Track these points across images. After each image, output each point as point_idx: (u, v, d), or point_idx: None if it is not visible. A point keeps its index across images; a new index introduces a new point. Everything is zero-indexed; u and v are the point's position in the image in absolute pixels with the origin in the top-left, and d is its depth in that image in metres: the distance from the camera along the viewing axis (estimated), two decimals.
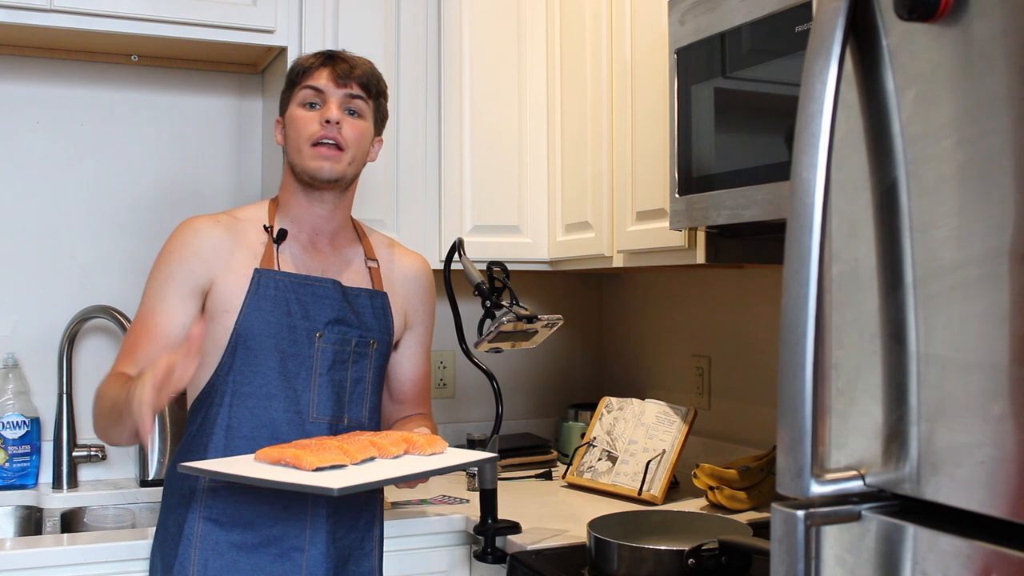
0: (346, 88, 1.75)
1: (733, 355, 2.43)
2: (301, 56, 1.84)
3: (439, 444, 1.70)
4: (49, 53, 2.41)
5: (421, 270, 1.95)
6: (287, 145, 1.78)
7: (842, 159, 0.95)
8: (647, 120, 2.08)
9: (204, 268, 1.70)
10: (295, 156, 1.76)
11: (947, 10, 0.84)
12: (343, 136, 1.74)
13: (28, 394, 2.36)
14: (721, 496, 2.07)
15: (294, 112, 1.77)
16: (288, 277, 1.73)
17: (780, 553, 0.90)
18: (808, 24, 1.45)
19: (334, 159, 1.74)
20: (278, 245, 1.76)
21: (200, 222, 1.75)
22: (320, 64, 1.77)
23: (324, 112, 1.74)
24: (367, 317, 1.80)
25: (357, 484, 1.46)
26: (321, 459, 1.52)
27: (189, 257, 1.71)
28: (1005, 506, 0.79)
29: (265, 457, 1.56)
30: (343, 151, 1.74)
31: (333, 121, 1.72)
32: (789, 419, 0.89)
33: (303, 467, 1.50)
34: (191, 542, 1.67)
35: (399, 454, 1.65)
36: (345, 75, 1.75)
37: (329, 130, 1.73)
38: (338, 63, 1.77)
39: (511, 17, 2.51)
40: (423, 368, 1.96)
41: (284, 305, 1.72)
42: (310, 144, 1.73)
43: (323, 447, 1.57)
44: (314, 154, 1.73)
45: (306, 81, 1.76)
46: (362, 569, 1.80)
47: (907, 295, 0.88)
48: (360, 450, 1.59)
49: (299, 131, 1.75)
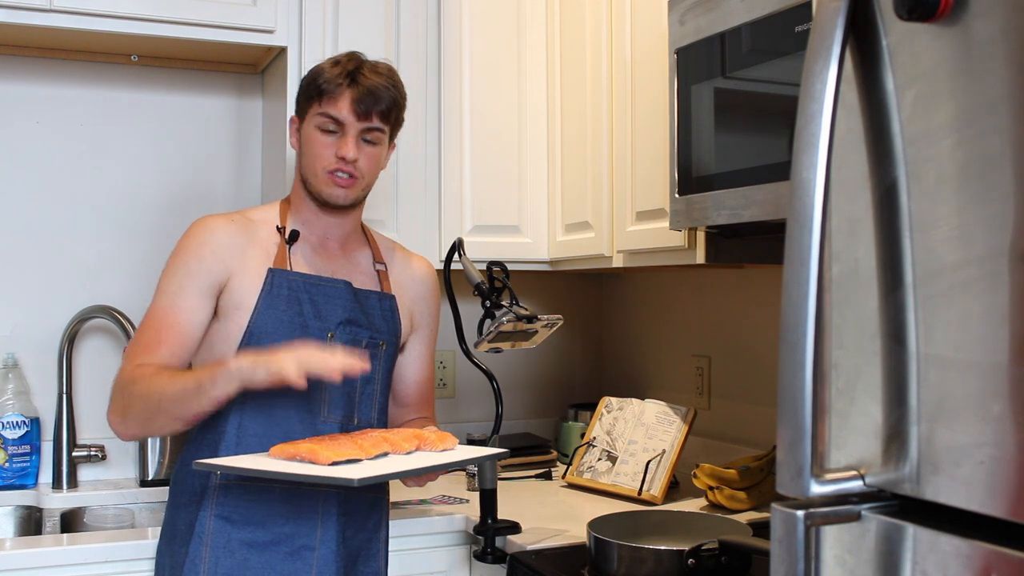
0: (366, 121, 1.75)
1: (733, 355, 2.43)
2: (324, 65, 1.79)
3: (450, 440, 1.72)
4: (49, 53, 2.41)
5: (427, 273, 1.96)
6: (302, 160, 1.80)
7: (842, 159, 0.95)
8: (647, 120, 2.08)
9: (221, 266, 1.72)
10: (310, 177, 1.78)
11: (947, 10, 0.84)
12: (358, 169, 1.76)
13: (28, 394, 2.36)
14: (721, 496, 2.07)
15: (312, 133, 1.76)
16: (301, 277, 1.75)
17: (780, 553, 0.90)
18: (808, 24, 1.45)
19: (349, 188, 1.77)
20: (290, 246, 1.78)
21: (215, 220, 1.77)
22: (343, 87, 1.73)
23: (341, 147, 1.73)
24: (376, 319, 1.82)
25: (377, 475, 1.48)
26: (337, 453, 1.53)
27: (207, 255, 1.72)
28: (1005, 506, 0.79)
29: (280, 453, 1.57)
30: (357, 180, 1.77)
31: (350, 160, 1.74)
32: (789, 419, 0.89)
33: (319, 461, 1.52)
34: (202, 540, 1.68)
35: (411, 450, 1.67)
36: (367, 108, 1.73)
37: (344, 165, 1.75)
38: (361, 89, 1.73)
39: (511, 17, 2.51)
40: (427, 371, 1.97)
41: (297, 305, 1.73)
42: (326, 172, 1.75)
43: (337, 442, 1.59)
44: (329, 181, 1.76)
45: (327, 107, 1.73)
46: (369, 570, 1.81)
47: (907, 295, 0.88)
48: (374, 445, 1.61)
49: (314, 157, 1.76)
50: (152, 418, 1.64)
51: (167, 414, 1.61)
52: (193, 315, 1.70)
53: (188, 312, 1.70)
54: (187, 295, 1.70)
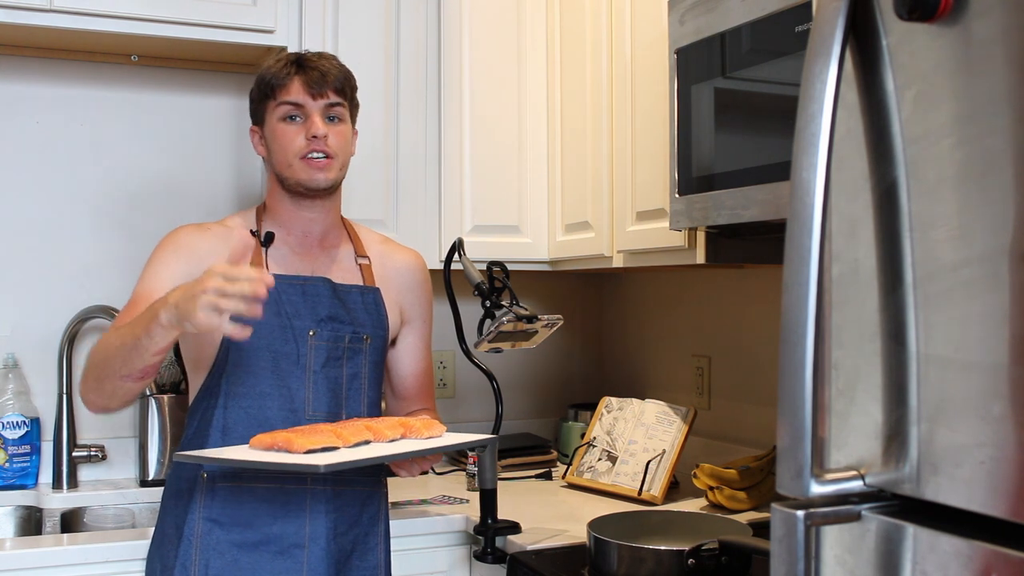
0: (323, 99, 1.77)
1: (733, 355, 2.43)
2: (268, 64, 1.82)
3: (436, 428, 1.71)
4: (49, 53, 2.41)
5: (414, 264, 1.96)
6: (272, 158, 1.80)
7: (842, 159, 0.95)
8: (647, 120, 2.08)
9: (198, 264, 1.71)
10: (285, 170, 1.78)
11: (947, 10, 0.84)
12: (330, 147, 1.77)
13: (28, 394, 2.36)
14: (721, 496, 2.07)
15: (276, 127, 1.77)
16: (277, 278, 1.74)
17: (780, 553, 0.90)
18: (808, 24, 1.45)
19: (326, 168, 1.77)
20: (266, 248, 1.79)
21: (190, 229, 1.81)
22: (291, 74, 1.76)
23: (309, 127, 1.75)
24: (359, 313, 1.81)
25: (343, 462, 1.47)
26: (312, 441, 1.53)
27: (184, 255, 1.74)
28: (1005, 506, 0.79)
29: (259, 443, 1.57)
30: (332, 159, 1.77)
31: (320, 136, 1.75)
32: (789, 419, 0.89)
33: (294, 449, 1.52)
34: (191, 542, 1.68)
35: (395, 438, 1.66)
36: (319, 84, 1.76)
37: (317, 144, 1.75)
38: (309, 71, 1.77)
39: (511, 17, 2.51)
40: (424, 363, 1.97)
41: (275, 306, 1.72)
42: (299, 158, 1.76)
43: (316, 431, 1.59)
44: (305, 166, 1.76)
45: (282, 96, 1.76)
46: (367, 564, 1.80)
47: (907, 295, 0.88)
48: (354, 433, 1.60)
49: (285, 147, 1.76)
50: (102, 381, 1.61)
51: (114, 374, 1.58)
52: None
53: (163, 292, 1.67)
54: (164, 281, 1.69)
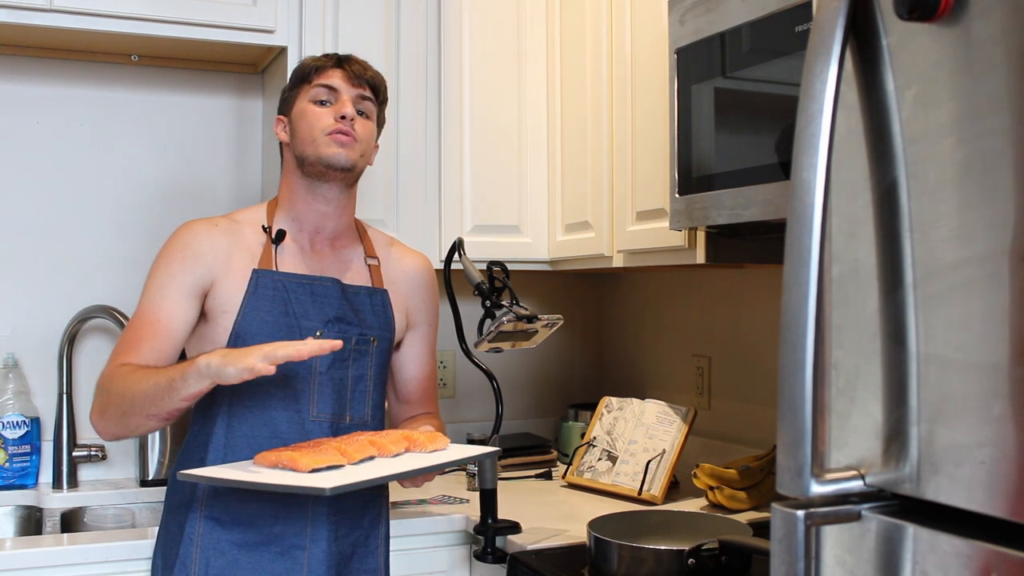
0: (359, 88, 1.81)
1: (733, 355, 2.43)
2: (310, 56, 1.88)
3: (441, 441, 1.70)
4: (49, 53, 2.41)
5: (422, 268, 1.96)
6: (295, 139, 1.80)
7: (842, 159, 0.95)
8: (647, 120, 2.08)
9: (204, 270, 1.72)
10: (307, 147, 1.78)
11: (947, 10, 0.84)
12: (356, 131, 1.78)
13: (28, 394, 2.36)
14: (721, 496, 2.07)
15: (305, 107, 1.80)
16: (286, 277, 1.75)
17: (780, 553, 0.90)
18: (808, 24, 1.45)
19: (349, 146, 1.77)
20: (276, 245, 1.77)
21: (198, 225, 1.78)
22: (333, 65, 1.82)
23: (339, 108, 1.78)
24: (366, 314, 1.81)
25: (349, 484, 1.45)
26: (317, 460, 1.51)
27: (190, 258, 1.73)
28: (1005, 506, 0.79)
29: (263, 461, 1.56)
30: (356, 141, 1.79)
31: (349, 117, 1.77)
32: (789, 419, 0.89)
33: (299, 469, 1.50)
34: (192, 541, 1.68)
35: (399, 452, 1.65)
36: (358, 76, 1.82)
37: (344, 124, 1.77)
38: (351, 64, 1.83)
39: (511, 17, 2.51)
40: (428, 367, 1.97)
41: (283, 305, 1.72)
42: (325, 134, 1.77)
43: (320, 448, 1.57)
44: (329, 141, 1.76)
45: (319, 80, 1.80)
46: (367, 566, 1.80)
47: (907, 295, 0.88)
48: (358, 450, 1.59)
49: (312, 124, 1.78)
50: (127, 416, 1.63)
51: (141, 412, 1.60)
52: (176, 316, 1.70)
53: (170, 313, 1.70)
54: (169, 296, 1.70)
